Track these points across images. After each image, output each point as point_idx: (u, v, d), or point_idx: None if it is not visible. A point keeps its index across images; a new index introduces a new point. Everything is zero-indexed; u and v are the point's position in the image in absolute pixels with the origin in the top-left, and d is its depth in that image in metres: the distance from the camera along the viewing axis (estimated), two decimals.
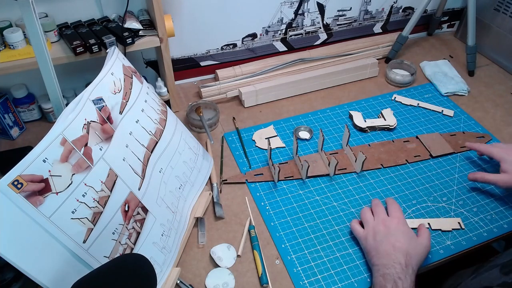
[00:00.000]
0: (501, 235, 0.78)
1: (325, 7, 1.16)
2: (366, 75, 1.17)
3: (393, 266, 0.65)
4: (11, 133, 0.96)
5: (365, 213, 0.76)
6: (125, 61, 0.73)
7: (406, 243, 0.68)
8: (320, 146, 0.91)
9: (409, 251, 0.67)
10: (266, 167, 0.90)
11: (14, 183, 0.49)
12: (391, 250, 0.67)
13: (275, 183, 0.87)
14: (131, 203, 0.64)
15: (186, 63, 1.11)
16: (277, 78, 1.10)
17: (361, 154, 0.86)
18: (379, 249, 0.68)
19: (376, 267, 0.67)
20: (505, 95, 1.12)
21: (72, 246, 0.55)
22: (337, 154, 0.93)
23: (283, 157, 0.93)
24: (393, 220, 0.72)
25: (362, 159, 0.86)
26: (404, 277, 0.63)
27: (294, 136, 0.89)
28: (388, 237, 0.69)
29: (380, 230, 0.71)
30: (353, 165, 0.90)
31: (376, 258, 0.68)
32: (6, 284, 0.65)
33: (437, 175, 0.89)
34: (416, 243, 0.69)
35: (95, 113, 0.61)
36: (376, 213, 0.75)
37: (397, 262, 0.65)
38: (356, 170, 0.89)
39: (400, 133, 0.99)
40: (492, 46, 1.23)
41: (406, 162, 0.92)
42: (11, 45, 0.81)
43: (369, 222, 0.74)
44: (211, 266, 0.73)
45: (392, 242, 0.68)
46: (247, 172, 0.89)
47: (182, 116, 1.03)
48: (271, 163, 0.86)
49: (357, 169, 0.89)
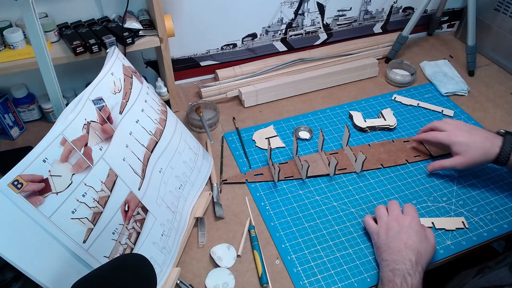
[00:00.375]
0: (501, 235, 0.78)
1: (325, 7, 1.16)
2: (366, 75, 1.17)
3: (403, 262, 0.65)
4: (11, 133, 0.96)
5: (379, 209, 0.77)
6: (125, 61, 0.73)
7: (418, 242, 0.68)
8: (320, 146, 0.91)
9: (420, 250, 0.67)
10: (266, 167, 0.90)
11: (14, 183, 0.49)
12: (402, 247, 0.67)
13: (275, 183, 0.87)
14: (131, 203, 0.64)
15: (186, 63, 1.11)
16: (277, 78, 1.10)
17: (361, 154, 0.86)
18: (391, 245, 0.68)
19: (386, 262, 0.67)
20: (505, 95, 1.12)
21: (72, 246, 0.55)
22: (337, 154, 0.93)
23: (283, 157, 0.93)
24: (407, 218, 0.72)
25: (362, 159, 0.86)
26: (414, 274, 0.64)
27: (294, 136, 0.89)
28: (400, 234, 0.69)
29: (393, 226, 0.71)
30: (353, 165, 0.90)
31: (387, 254, 0.68)
32: (6, 284, 0.65)
33: (437, 175, 0.89)
34: (428, 243, 0.70)
35: (95, 113, 0.61)
36: (390, 210, 0.75)
37: (407, 259, 0.65)
38: (356, 170, 0.89)
39: (400, 133, 0.99)
40: (492, 46, 1.23)
41: (406, 162, 0.92)
42: (11, 45, 0.81)
43: (383, 218, 0.74)
44: (211, 266, 0.73)
45: (405, 239, 0.68)
46: (247, 172, 0.89)
47: (182, 116, 1.03)
48: (271, 163, 0.86)
49: (357, 169, 0.89)
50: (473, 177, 0.89)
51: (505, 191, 0.86)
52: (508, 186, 0.86)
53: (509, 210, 0.82)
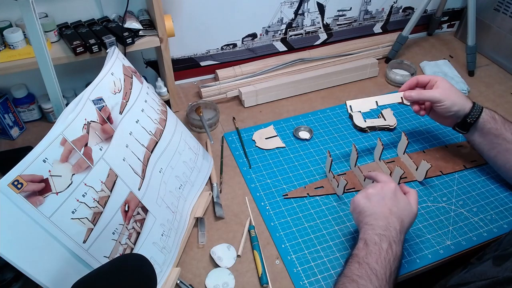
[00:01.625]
0: (501, 235, 0.78)
1: (325, 7, 1.16)
2: (366, 75, 1.17)
3: (389, 230, 0.65)
4: (11, 133, 0.96)
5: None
6: (125, 61, 0.73)
7: (402, 209, 0.68)
8: (377, 156, 0.89)
9: (403, 218, 0.67)
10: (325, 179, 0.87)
11: (14, 183, 0.49)
12: (387, 213, 0.67)
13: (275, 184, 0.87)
14: (131, 203, 0.64)
15: (186, 63, 1.11)
16: (277, 78, 1.10)
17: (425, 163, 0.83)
18: (376, 210, 0.67)
19: (371, 226, 0.66)
20: (505, 95, 1.12)
21: (72, 246, 0.55)
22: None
23: (283, 157, 0.93)
24: (390, 185, 0.71)
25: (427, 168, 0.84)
26: (398, 242, 0.64)
27: (353, 147, 0.85)
28: (385, 200, 0.68)
29: (374, 192, 0.70)
30: (413, 174, 0.88)
31: (372, 219, 0.67)
32: (6, 284, 0.65)
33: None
34: (410, 211, 0.69)
35: (95, 113, 0.61)
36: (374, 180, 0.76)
37: (393, 227, 0.65)
38: (418, 179, 0.87)
39: (400, 133, 0.99)
40: (492, 46, 1.23)
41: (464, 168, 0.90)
42: (11, 45, 0.81)
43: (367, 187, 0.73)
44: (211, 266, 0.73)
45: (389, 206, 0.68)
46: (306, 186, 0.86)
47: (182, 116, 1.03)
48: (332, 175, 0.84)
49: (418, 178, 0.88)
50: (473, 177, 0.89)
51: (505, 191, 0.86)
52: (508, 186, 0.86)
53: (509, 210, 0.82)
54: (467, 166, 0.90)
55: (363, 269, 0.60)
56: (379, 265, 0.60)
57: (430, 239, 0.77)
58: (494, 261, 0.60)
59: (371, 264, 0.60)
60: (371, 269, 0.60)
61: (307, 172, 0.90)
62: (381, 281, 0.59)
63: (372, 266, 0.60)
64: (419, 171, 0.86)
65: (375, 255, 0.62)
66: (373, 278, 0.59)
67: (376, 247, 0.63)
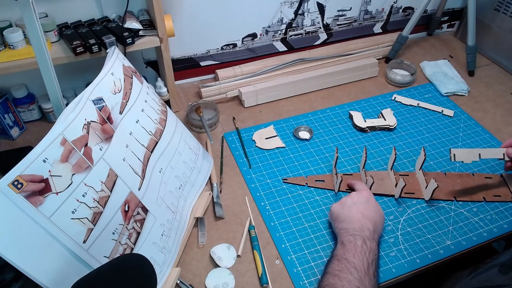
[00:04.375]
0: (501, 235, 0.78)
1: (325, 7, 1.16)
2: (366, 75, 1.17)
3: (363, 230, 0.70)
4: (11, 133, 0.96)
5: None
6: (125, 61, 0.73)
7: (373, 212, 0.73)
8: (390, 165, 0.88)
9: (375, 220, 0.73)
10: (329, 174, 0.88)
11: (14, 183, 0.49)
12: (360, 217, 0.72)
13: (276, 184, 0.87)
14: (131, 203, 0.64)
15: (186, 63, 1.11)
16: (277, 78, 1.10)
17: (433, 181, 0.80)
18: (350, 215, 0.73)
19: (346, 230, 0.71)
20: (505, 95, 1.12)
21: (72, 246, 0.55)
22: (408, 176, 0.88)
23: (283, 157, 0.93)
24: (363, 192, 0.77)
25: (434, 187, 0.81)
26: (372, 239, 0.69)
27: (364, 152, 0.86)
28: (357, 205, 0.74)
29: (348, 200, 0.76)
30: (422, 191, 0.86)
31: (347, 223, 0.72)
32: (6, 284, 0.65)
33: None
34: (380, 214, 0.75)
35: (95, 113, 0.61)
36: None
37: (366, 227, 0.70)
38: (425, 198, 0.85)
39: (400, 133, 0.99)
40: (492, 46, 1.23)
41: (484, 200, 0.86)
42: (11, 45, 0.81)
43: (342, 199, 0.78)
44: (211, 266, 0.73)
45: (361, 210, 0.73)
46: (308, 176, 0.88)
47: (182, 116, 1.03)
48: (335, 172, 0.86)
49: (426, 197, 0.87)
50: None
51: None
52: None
53: (509, 210, 0.82)
54: (487, 199, 0.84)
55: (342, 264, 0.65)
56: (356, 259, 0.65)
57: (430, 239, 0.77)
58: (500, 268, 0.60)
59: (349, 259, 0.65)
60: (350, 263, 0.65)
61: (307, 172, 0.89)
62: (361, 273, 0.63)
63: (350, 260, 0.65)
64: (428, 189, 0.82)
65: (352, 251, 0.67)
66: (352, 270, 0.63)
67: (352, 244, 0.68)
